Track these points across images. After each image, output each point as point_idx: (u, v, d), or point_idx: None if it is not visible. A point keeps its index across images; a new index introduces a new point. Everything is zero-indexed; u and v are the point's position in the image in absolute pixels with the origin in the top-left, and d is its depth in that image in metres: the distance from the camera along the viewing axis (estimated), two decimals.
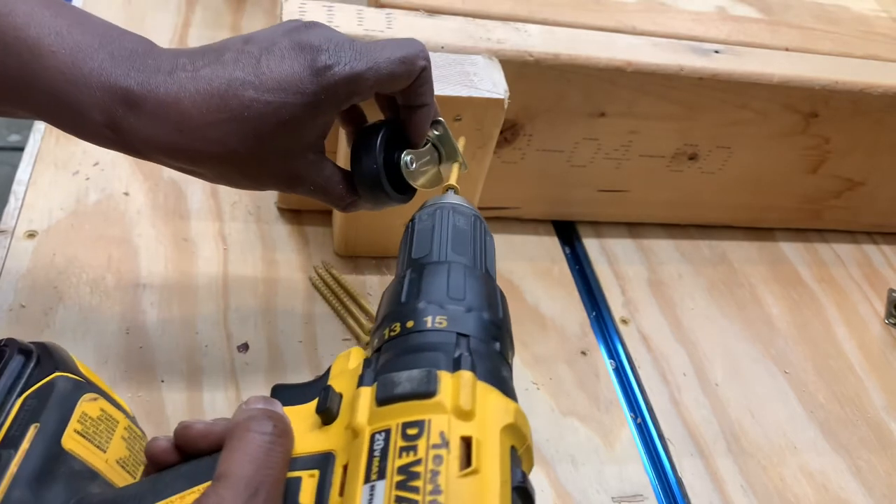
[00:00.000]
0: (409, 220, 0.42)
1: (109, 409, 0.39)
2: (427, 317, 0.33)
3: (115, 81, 0.37)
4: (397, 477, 0.27)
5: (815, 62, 0.65)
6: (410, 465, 0.27)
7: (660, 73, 0.59)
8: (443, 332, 0.33)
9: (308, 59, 0.38)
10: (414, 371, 0.30)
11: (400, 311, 0.34)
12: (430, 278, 0.36)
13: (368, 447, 0.29)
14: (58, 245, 0.57)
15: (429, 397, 0.29)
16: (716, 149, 0.66)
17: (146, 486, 0.33)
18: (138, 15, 0.78)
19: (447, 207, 0.41)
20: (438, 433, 0.28)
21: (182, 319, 0.55)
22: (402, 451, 0.28)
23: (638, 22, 0.64)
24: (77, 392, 0.38)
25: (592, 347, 0.61)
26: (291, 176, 0.42)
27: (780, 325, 0.67)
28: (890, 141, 0.69)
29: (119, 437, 0.38)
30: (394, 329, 0.34)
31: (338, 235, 0.61)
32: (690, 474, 0.55)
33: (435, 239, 0.38)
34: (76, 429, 0.36)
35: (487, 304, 0.35)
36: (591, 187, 0.67)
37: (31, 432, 0.35)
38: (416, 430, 0.28)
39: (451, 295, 0.34)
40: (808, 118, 0.65)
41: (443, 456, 0.27)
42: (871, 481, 0.57)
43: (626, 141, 0.64)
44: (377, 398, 0.30)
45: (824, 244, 0.77)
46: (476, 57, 0.54)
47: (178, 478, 0.33)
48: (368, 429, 0.29)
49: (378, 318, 0.36)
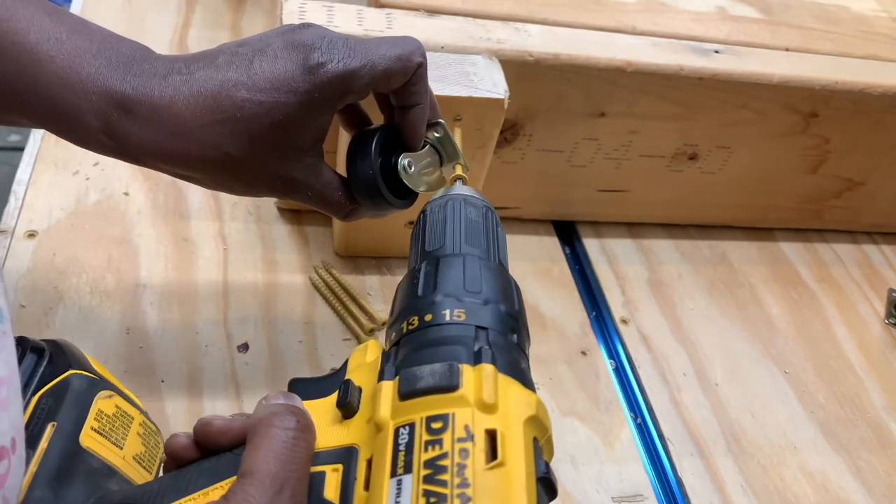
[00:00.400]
0: (421, 211, 0.41)
1: (124, 406, 0.39)
2: (445, 310, 0.33)
3: (111, 86, 0.37)
4: (424, 471, 0.27)
5: (815, 62, 0.65)
6: (437, 459, 0.27)
7: (660, 73, 0.59)
8: (461, 325, 0.33)
9: (300, 58, 0.38)
10: (436, 365, 0.30)
11: (417, 304, 0.34)
12: (446, 271, 0.35)
13: (393, 441, 0.29)
14: (58, 245, 0.57)
15: (452, 391, 0.29)
16: (716, 149, 0.66)
17: (167, 482, 0.33)
18: (138, 15, 0.78)
19: (458, 199, 0.40)
20: (463, 426, 0.28)
21: (182, 319, 0.55)
22: (427, 444, 0.28)
23: (638, 22, 0.64)
24: (92, 389, 0.38)
25: (592, 347, 0.61)
26: (287, 180, 0.41)
27: (780, 325, 0.67)
28: (890, 141, 0.69)
29: (134, 434, 0.38)
30: (412, 323, 0.33)
31: (338, 236, 0.61)
32: (690, 474, 0.55)
33: (448, 231, 0.38)
34: (93, 426, 0.36)
35: (504, 297, 0.35)
36: (591, 187, 0.67)
37: (48, 431, 0.35)
38: (441, 424, 0.28)
39: (468, 288, 0.34)
40: (808, 118, 0.65)
41: (468, 449, 0.27)
42: (871, 481, 0.57)
43: (626, 141, 0.64)
44: (400, 392, 0.30)
45: (824, 244, 0.77)
46: (476, 57, 0.54)
47: (200, 474, 0.33)
48: (392, 423, 0.29)
49: (394, 311, 0.36)
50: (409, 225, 0.59)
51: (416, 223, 0.41)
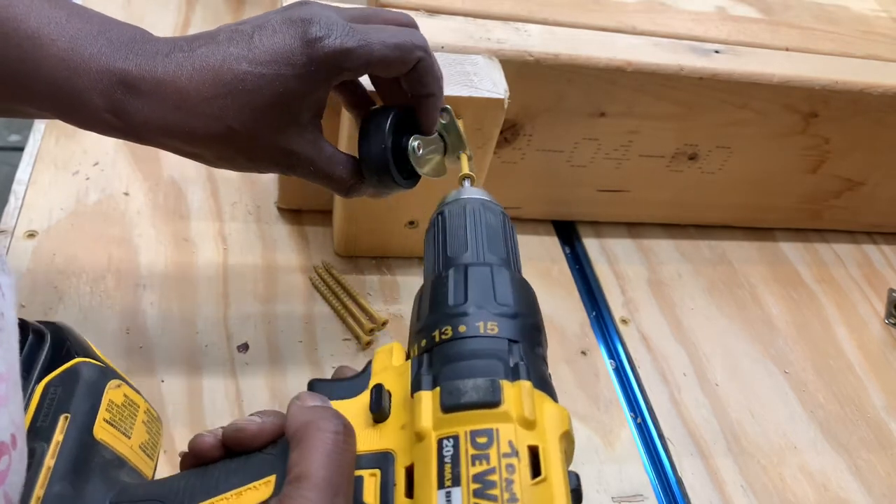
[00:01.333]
0: (437, 213, 0.41)
1: (131, 395, 0.38)
2: (479, 322, 0.34)
3: (113, 64, 0.38)
4: (473, 485, 0.28)
5: (815, 62, 0.65)
6: (485, 474, 0.28)
7: (660, 73, 0.59)
8: (495, 338, 0.33)
9: (299, 31, 0.39)
10: (479, 380, 0.31)
11: (449, 313, 0.35)
12: (475, 282, 0.36)
13: (437, 452, 0.30)
14: (58, 245, 0.57)
15: (495, 406, 0.30)
16: (716, 149, 0.66)
17: (193, 480, 0.33)
18: (138, 14, 0.78)
19: (476, 203, 0.40)
20: (507, 442, 0.29)
21: (182, 319, 0.55)
22: (474, 459, 0.29)
23: (638, 22, 0.64)
24: (103, 379, 0.37)
25: (592, 347, 0.61)
26: (288, 153, 0.42)
27: (780, 325, 0.67)
28: (890, 141, 0.69)
29: (140, 422, 0.38)
30: (445, 332, 0.34)
31: (338, 235, 0.61)
32: (690, 474, 0.55)
33: (470, 237, 0.39)
34: (105, 418, 0.36)
35: (530, 309, 0.36)
36: (590, 187, 0.67)
37: (61, 423, 0.34)
38: (486, 439, 0.29)
39: (499, 300, 0.35)
40: (807, 118, 0.65)
41: (514, 465, 0.29)
42: (871, 481, 0.57)
43: (626, 141, 0.64)
44: (443, 405, 0.31)
45: (824, 244, 0.77)
46: (476, 57, 0.54)
47: (229, 474, 0.33)
48: (434, 434, 0.30)
49: (421, 317, 0.36)
50: (409, 225, 0.59)
51: (433, 226, 0.41)
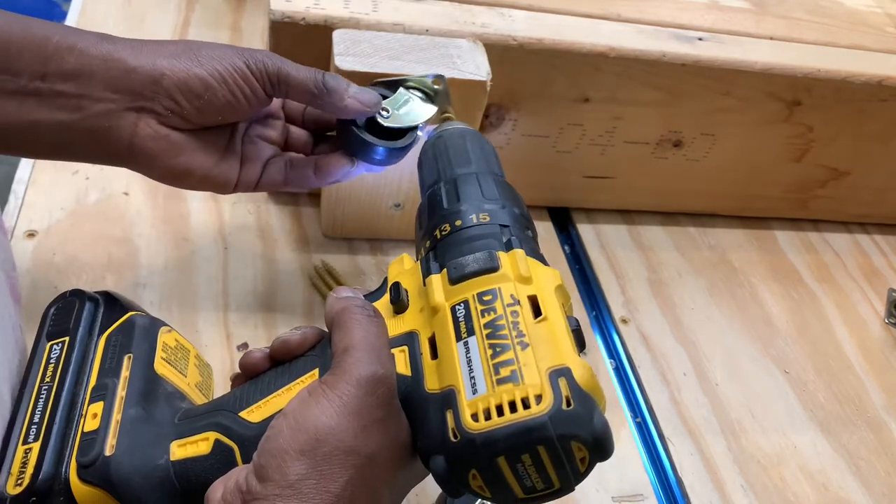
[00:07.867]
0: (422, 150, 0.46)
1: (181, 340, 0.44)
2: (472, 215, 0.39)
3: None
4: (485, 331, 0.33)
5: (799, 50, 0.65)
6: (494, 321, 0.34)
7: (642, 59, 0.59)
8: (488, 225, 0.38)
9: None
10: (478, 254, 0.36)
11: (445, 214, 0.40)
12: (463, 185, 0.41)
13: (452, 317, 0.35)
14: (58, 245, 0.57)
15: (494, 271, 0.35)
16: (700, 136, 0.66)
17: (247, 388, 0.38)
18: (138, 14, 0.78)
19: (454, 131, 0.46)
20: (509, 295, 0.34)
21: (182, 319, 0.54)
22: (482, 312, 0.34)
23: (623, 9, 0.64)
24: (155, 325, 0.43)
25: (592, 347, 0.61)
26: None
27: (780, 325, 0.67)
28: (873, 130, 0.69)
29: (192, 365, 0.44)
30: (444, 229, 0.39)
31: (324, 217, 0.61)
32: (690, 474, 0.55)
33: (453, 155, 0.44)
34: (162, 356, 0.41)
35: (515, 201, 0.41)
36: (577, 174, 0.68)
37: (126, 362, 0.40)
38: (491, 297, 0.35)
39: (486, 196, 0.40)
40: (791, 106, 0.65)
41: (518, 311, 0.34)
42: (871, 481, 0.57)
43: (611, 127, 0.64)
44: (450, 278, 0.36)
45: (824, 244, 0.77)
46: (460, 40, 0.55)
47: (278, 377, 0.38)
48: (447, 304, 0.35)
49: (422, 225, 0.41)
50: (394, 207, 0.60)
51: (421, 156, 0.46)
